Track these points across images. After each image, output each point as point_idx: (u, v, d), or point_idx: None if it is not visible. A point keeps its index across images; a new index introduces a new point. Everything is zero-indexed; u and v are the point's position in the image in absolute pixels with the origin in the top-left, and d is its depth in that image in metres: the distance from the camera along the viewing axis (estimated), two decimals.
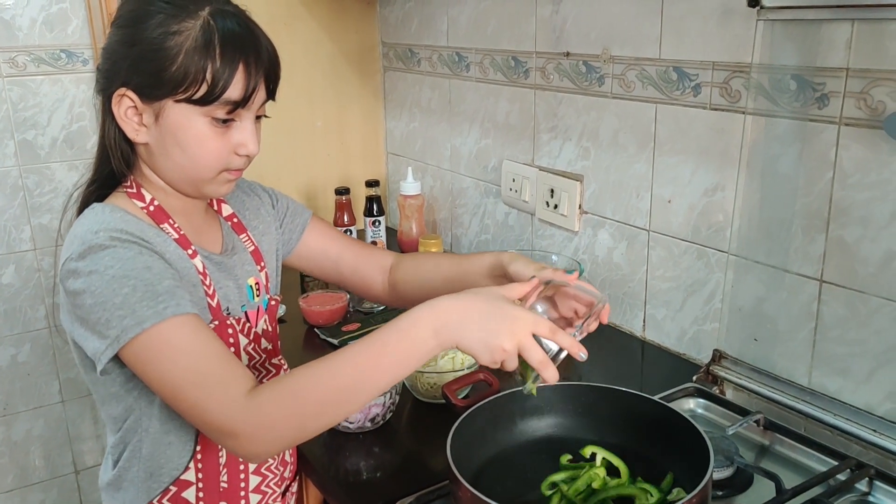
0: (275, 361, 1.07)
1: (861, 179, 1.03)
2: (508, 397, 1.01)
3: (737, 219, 1.22)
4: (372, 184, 1.95)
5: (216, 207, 1.06)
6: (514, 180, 1.69)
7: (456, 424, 0.93)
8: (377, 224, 1.94)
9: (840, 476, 1.00)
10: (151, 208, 0.93)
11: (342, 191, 1.93)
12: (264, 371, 1.05)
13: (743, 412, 1.13)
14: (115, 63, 0.88)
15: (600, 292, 0.92)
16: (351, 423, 1.14)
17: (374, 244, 1.93)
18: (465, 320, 0.80)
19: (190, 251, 0.94)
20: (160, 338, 0.81)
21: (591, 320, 0.89)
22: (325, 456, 1.12)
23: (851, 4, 0.98)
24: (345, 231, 1.91)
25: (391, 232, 2.08)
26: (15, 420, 2.07)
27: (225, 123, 0.89)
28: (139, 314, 0.80)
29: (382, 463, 1.11)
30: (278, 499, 1.06)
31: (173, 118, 0.88)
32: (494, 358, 0.80)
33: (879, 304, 1.04)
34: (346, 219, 1.92)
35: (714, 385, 1.24)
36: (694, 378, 1.26)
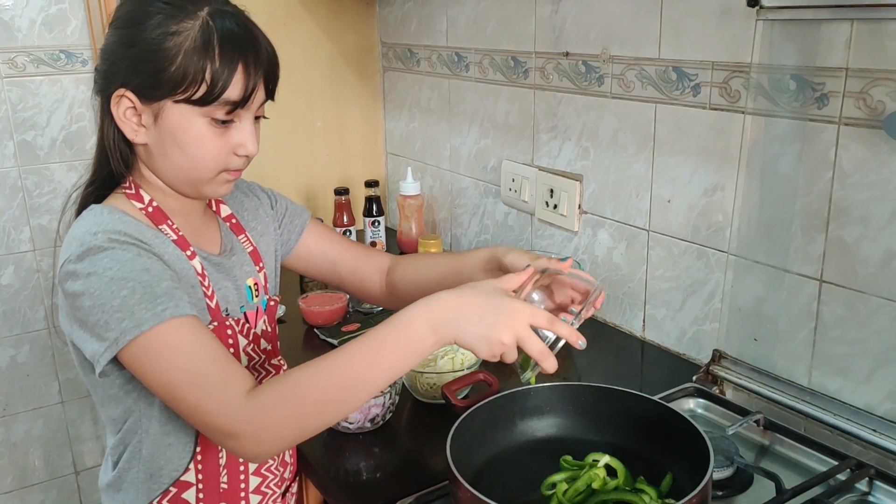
0: (274, 362, 1.07)
1: (861, 179, 1.03)
2: (508, 397, 1.01)
3: (736, 219, 1.22)
4: (371, 184, 1.95)
5: (215, 208, 1.06)
6: (514, 180, 1.69)
7: (456, 425, 0.93)
8: (377, 224, 1.94)
9: (840, 476, 1.00)
10: (150, 209, 0.93)
11: (341, 191, 1.92)
12: (264, 372, 1.05)
13: (743, 412, 1.13)
14: (114, 64, 0.88)
15: (595, 279, 0.92)
16: (351, 424, 1.13)
17: (374, 244, 1.93)
18: (463, 315, 0.80)
19: (188, 252, 0.94)
20: (159, 340, 0.81)
21: (588, 307, 0.89)
22: (325, 456, 1.12)
23: (851, 4, 0.98)
24: (344, 231, 1.91)
25: (391, 232, 2.08)
26: (14, 421, 2.07)
27: (224, 124, 0.89)
28: (138, 316, 0.80)
29: (382, 463, 1.10)
30: (278, 499, 1.06)
31: (172, 119, 0.88)
32: (493, 351, 0.80)
33: (879, 304, 1.04)
34: (346, 219, 1.92)
35: (714, 385, 1.24)
36: (694, 378, 1.26)
